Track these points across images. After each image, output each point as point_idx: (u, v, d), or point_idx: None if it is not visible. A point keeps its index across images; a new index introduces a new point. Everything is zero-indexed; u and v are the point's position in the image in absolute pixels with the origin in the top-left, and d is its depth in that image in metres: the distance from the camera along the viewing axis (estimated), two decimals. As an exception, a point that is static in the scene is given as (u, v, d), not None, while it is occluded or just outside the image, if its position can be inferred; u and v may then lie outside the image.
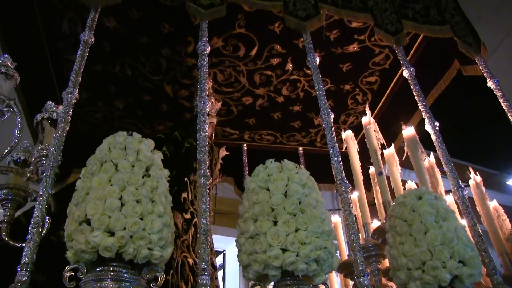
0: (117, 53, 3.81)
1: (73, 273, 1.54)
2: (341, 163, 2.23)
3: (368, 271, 2.49)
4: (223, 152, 3.53)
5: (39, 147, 2.02)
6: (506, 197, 7.20)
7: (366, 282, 1.86)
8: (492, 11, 3.86)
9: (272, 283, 1.70)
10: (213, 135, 3.65)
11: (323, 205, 1.77)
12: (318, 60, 2.77)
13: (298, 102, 4.51)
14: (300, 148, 4.98)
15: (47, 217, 1.86)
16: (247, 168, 4.54)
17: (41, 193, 1.83)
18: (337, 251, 1.94)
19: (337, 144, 2.30)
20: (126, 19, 3.54)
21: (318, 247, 1.62)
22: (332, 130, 2.38)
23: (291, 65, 4.10)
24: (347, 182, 2.16)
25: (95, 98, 4.18)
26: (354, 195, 2.99)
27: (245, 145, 4.85)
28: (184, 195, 2.73)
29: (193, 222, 2.70)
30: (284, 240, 1.60)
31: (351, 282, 3.13)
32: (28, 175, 2.03)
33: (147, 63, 3.92)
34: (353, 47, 3.98)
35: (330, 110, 2.47)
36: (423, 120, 2.82)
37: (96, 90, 4.11)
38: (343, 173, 2.19)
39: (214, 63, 4.00)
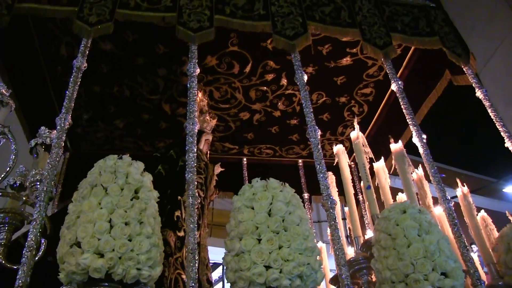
0: (115, 74, 3.90)
1: (66, 294, 1.61)
2: (327, 179, 2.29)
3: (360, 282, 2.53)
4: (218, 169, 3.58)
5: (33, 172, 2.10)
6: (502, 204, 7.18)
7: (351, 296, 1.91)
8: (485, 20, 3.90)
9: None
10: (208, 152, 3.70)
11: (307, 222, 1.83)
12: (306, 77, 2.82)
13: (294, 116, 4.56)
14: (300, 161, 5.02)
15: (43, 240, 1.93)
16: (247, 182, 4.57)
17: (35, 217, 1.89)
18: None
19: (323, 161, 2.35)
20: (121, 42, 3.63)
21: (301, 263, 1.67)
22: (319, 147, 2.43)
23: (285, 80, 4.16)
24: (333, 198, 2.21)
25: (95, 119, 4.28)
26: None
27: (245, 159, 4.91)
28: (177, 213, 2.78)
29: (187, 239, 2.74)
30: (267, 258, 1.66)
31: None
32: (24, 198, 2.10)
33: (144, 83, 4.01)
34: (346, 60, 4.03)
35: (317, 127, 2.52)
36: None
37: (96, 111, 4.20)
38: (329, 189, 2.24)
39: (209, 80, 4.08)
